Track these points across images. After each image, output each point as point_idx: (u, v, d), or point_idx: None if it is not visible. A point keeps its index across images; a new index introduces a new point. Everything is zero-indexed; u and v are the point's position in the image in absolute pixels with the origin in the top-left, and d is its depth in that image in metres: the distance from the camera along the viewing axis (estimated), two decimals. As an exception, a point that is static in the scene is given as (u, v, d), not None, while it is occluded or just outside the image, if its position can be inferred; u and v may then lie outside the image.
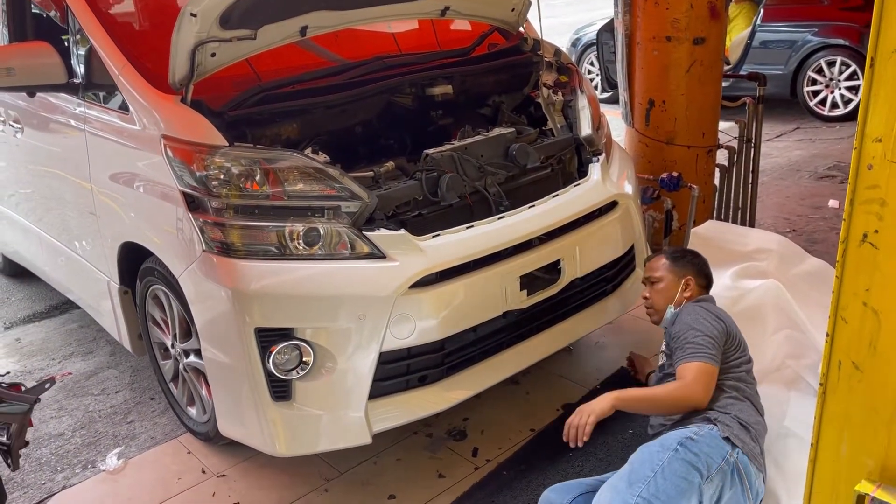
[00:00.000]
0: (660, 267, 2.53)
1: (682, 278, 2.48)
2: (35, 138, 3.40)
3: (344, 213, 2.34)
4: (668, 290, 2.49)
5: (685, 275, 2.49)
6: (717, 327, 2.26)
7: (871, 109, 1.22)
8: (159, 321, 2.87)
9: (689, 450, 2.00)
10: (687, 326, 2.26)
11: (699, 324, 2.25)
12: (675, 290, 2.48)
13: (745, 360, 2.32)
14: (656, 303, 2.51)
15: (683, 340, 2.23)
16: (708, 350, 2.18)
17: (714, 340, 2.21)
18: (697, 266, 2.54)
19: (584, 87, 3.12)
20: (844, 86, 7.00)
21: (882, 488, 1.35)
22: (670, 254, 2.57)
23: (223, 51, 2.42)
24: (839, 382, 1.39)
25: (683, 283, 2.48)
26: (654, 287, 2.52)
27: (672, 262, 2.52)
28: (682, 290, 2.47)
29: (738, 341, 2.33)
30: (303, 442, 2.41)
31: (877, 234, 1.26)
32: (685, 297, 2.47)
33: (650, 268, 2.57)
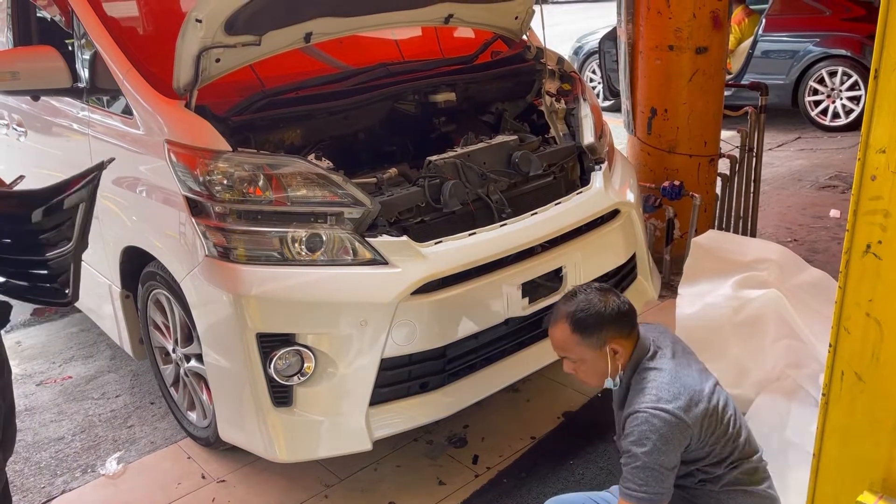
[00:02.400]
0: (568, 344, 1.91)
1: (603, 348, 1.89)
2: (39, 142, 3.41)
3: (346, 219, 2.35)
4: (595, 368, 1.92)
5: (605, 342, 1.89)
6: (673, 433, 1.77)
7: (875, 120, 1.22)
8: (160, 325, 2.87)
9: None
10: (636, 439, 1.78)
11: (649, 442, 1.77)
12: (603, 364, 1.90)
13: (749, 448, 1.91)
14: (588, 380, 1.97)
15: (628, 455, 1.80)
16: (644, 487, 1.76)
17: (660, 463, 1.77)
18: (611, 318, 1.89)
19: (586, 96, 3.13)
20: (846, 96, 7.02)
21: (884, 499, 1.34)
22: (572, 321, 1.89)
23: (228, 56, 2.43)
24: (842, 393, 1.39)
25: (609, 352, 1.89)
26: (575, 365, 1.95)
27: (581, 334, 1.88)
28: (612, 360, 1.91)
29: (723, 418, 1.86)
30: (303, 448, 2.41)
31: (880, 244, 1.26)
32: (619, 363, 1.92)
33: (555, 344, 1.95)
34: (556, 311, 1.95)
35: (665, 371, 1.86)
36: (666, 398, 1.79)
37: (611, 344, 1.89)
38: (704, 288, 2.95)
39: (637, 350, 1.92)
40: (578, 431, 2.84)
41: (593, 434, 2.79)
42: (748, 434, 1.92)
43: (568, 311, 1.91)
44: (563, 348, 1.93)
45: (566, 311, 1.91)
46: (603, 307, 1.90)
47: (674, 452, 1.78)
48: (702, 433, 1.81)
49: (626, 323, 1.92)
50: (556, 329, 1.93)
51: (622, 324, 1.91)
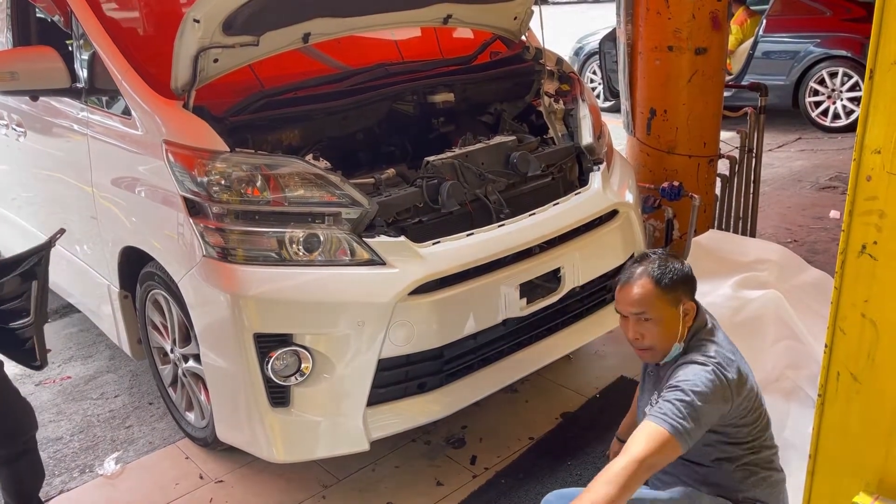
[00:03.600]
0: (650, 299, 1.91)
1: (679, 306, 1.92)
2: (38, 142, 3.41)
3: (344, 219, 2.35)
4: (669, 327, 1.92)
5: (681, 300, 1.93)
6: (722, 394, 1.81)
7: (871, 121, 1.22)
8: (159, 326, 2.87)
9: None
10: (689, 379, 1.81)
11: (701, 384, 1.79)
12: (676, 324, 1.92)
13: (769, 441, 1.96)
14: (657, 343, 1.94)
15: (675, 389, 1.80)
16: (680, 419, 1.75)
17: (701, 410, 1.77)
18: (685, 279, 1.96)
19: (585, 96, 3.12)
20: (846, 97, 7.01)
21: (880, 500, 1.34)
22: (655, 276, 1.91)
23: (226, 57, 2.43)
24: (837, 394, 1.39)
25: (682, 312, 1.92)
26: (648, 325, 1.93)
27: (662, 288, 1.90)
28: (684, 321, 1.93)
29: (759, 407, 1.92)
30: (301, 448, 2.41)
31: (875, 245, 1.26)
32: (687, 327, 1.95)
33: (634, 300, 1.93)
34: (630, 271, 1.95)
35: (723, 345, 1.93)
36: (724, 365, 1.84)
37: (684, 304, 1.93)
38: (704, 288, 2.94)
39: (698, 319, 1.97)
40: (577, 432, 2.84)
41: (591, 435, 2.79)
42: (771, 428, 1.97)
43: (650, 269, 1.93)
44: (643, 304, 1.91)
45: (647, 269, 1.93)
46: (681, 266, 1.96)
47: (713, 413, 1.80)
48: (738, 412, 1.85)
49: (695, 287, 2.00)
50: (637, 285, 1.92)
51: (693, 286, 1.99)
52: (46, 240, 2.09)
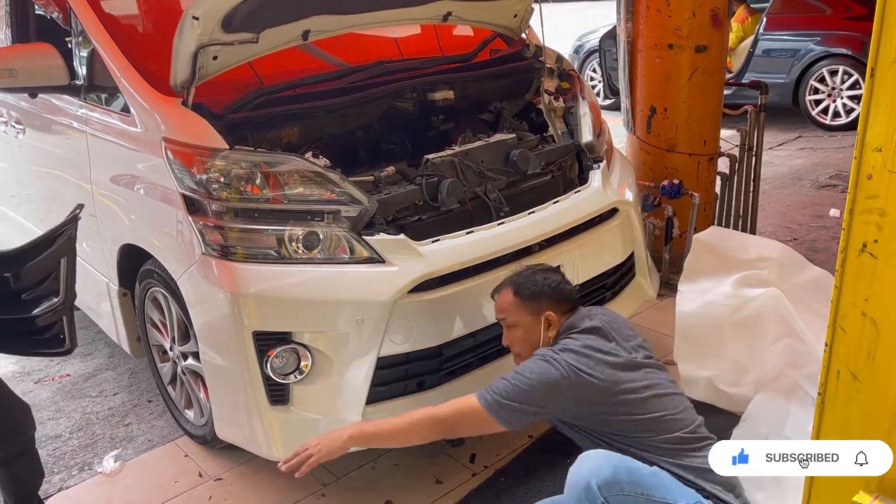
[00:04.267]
0: (509, 307, 2.10)
1: (539, 315, 2.07)
2: (37, 139, 3.41)
3: (344, 217, 2.34)
4: (529, 334, 2.08)
5: (542, 310, 2.06)
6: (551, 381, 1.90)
7: (872, 119, 1.22)
8: (158, 323, 2.87)
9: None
10: (524, 367, 1.96)
11: (528, 371, 1.93)
12: (537, 332, 2.07)
13: (657, 428, 1.95)
14: (522, 349, 2.12)
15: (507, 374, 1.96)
16: (495, 394, 1.91)
17: (522, 395, 1.89)
18: (552, 289, 2.10)
19: (585, 94, 3.12)
20: (846, 95, 7.01)
21: (880, 499, 1.34)
22: (516, 285, 2.11)
23: (225, 54, 2.42)
24: (837, 392, 1.38)
25: (544, 321, 2.06)
26: (511, 332, 2.13)
27: (521, 298, 2.08)
28: (546, 331, 2.07)
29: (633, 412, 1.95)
30: (300, 446, 2.41)
31: (876, 243, 1.26)
32: (550, 336, 2.07)
33: (498, 307, 2.15)
34: (502, 281, 2.18)
35: (579, 339, 2.00)
36: (560, 354, 1.94)
37: (546, 313, 2.07)
38: (705, 285, 2.94)
39: (566, 325, 2.08)
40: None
41: (591, 433, 2.78)
42: (675, 413, 1.98)
43: (513, 279, 2.15)
44: (502, 309, 2.13)
45: (511, 279, 2.16)
46: (543, 280, 2.12)
47: (542, 397, 1.91)
48: (606, 403, 1.93)
49: (564, 300, 2.13)
50: (501, 294, 2.15)
51: (560, 299, 2.11)
52: (70, 216, 2.05)
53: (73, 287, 2.04)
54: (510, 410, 1.91)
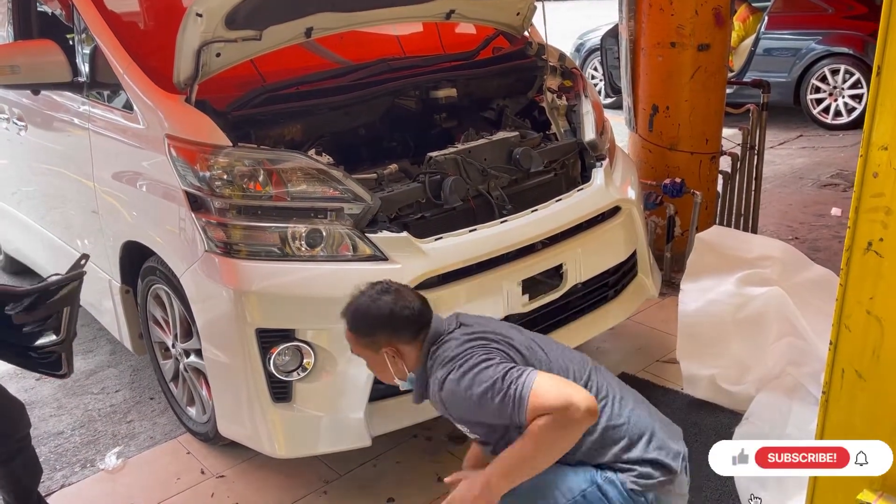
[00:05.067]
0: (350, 342, 1.90)
1: (380, 351, 1.84)
2: (39, 136, 3.41)
3: (346, 214, 2.34)
4: (380, 368, 1.89)
5: (381, 345, 1.83)
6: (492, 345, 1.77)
7: (878, 118, 1.22)
8: (160, 320, 2.87)
9: None
10: (457, 381, 1.72)
11: (469, 361, 1.72)
12: (384, 365, 1.86)
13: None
14: (382, 376, 1.94)
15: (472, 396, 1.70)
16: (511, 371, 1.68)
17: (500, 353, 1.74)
18: (388, 319, 1.81)
19: (588, 92, 3.12)
20: (848, 94, 7.00)
21: (883, 497, 1.35)
22: (349, 321, 1.86)
23: (228, 51, 2.42)
24: (842, 391, 1.39)
25: (388, 356, 1.84)
26: (368, 364, 1.94)
27: (356, 335, 1.86)
28: (395, 363, 1.85)
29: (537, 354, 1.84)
30: (302, 443, 2.41)
31: (881, 242, 1.26)
32: (404, 366, 1.86)
33: (348, 339, 1.92)
34: (343, 309, 1.90)
35: (455, 334, 1.83)
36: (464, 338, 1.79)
37: (386, 348, 1.83)
38: (707, 284, 2.94)
39: (426, 345, 1.84)
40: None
41: (593, 431, 2.78)
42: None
43: (346, 311, 1.87)
44: (349, 342, 1.91)
45: (345, 311, 1.88)
46: (376, 309, 1.82)
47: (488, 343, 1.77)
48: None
49: (405, 327, 1.82)
50: (347, 331, 1.90)
51: (399, 328, 1.82)
52: (76, 271, 2.11)
53: (74, 328, 2.10)
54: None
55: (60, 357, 2.07)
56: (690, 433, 2.73)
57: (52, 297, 2.04)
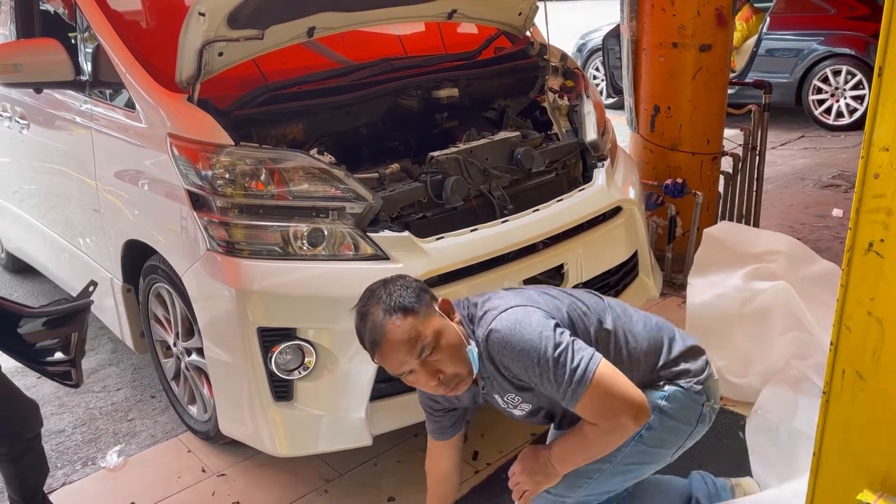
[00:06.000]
0: (415, 332, 1.66)
1: (438, 314, 1.72)
2: (41, 135, 3.41)
3: (348, 214, 2.34)
4: (453, 341, 1.70)
5: (432, 305, 1.73)
6: (549, 313, 1.72)
7: (879, 119, 1.22)
8: (162, 319, 2.87)
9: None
10: (520, 347, 1.65)
11: (531, 330, 1.66)
12: (453, 330, 1.71)
13: (592, 319, 1.85)
14: (456, 365, 1.70)
15: (539, 368, 1.65)
16: (581, 352, 1.66)
17: (564, 332, 1.68)
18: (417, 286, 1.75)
19: (589, 92, 3.12)
20: (850, 95, 7.01)
21: (884, 497, 1.34)
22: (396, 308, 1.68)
23: (230, 50, 2.43)
24: (842, 391, 1.39)
25: (440, 312, 1.73)
26: (437, 359, 1.68)
27: (414, 312, 1.68)
28: (454, 321, 1.75)
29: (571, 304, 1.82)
30: (303, 442, 2.41)
31: (882, 243, 1.26)
32: (460, 321, 1.77)
33: (404, 345, 1.66)
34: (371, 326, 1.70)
35: (493, 294, 1.84)
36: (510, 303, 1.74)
37: (439, 304, 1.75)
38: (714, 279, 2.97)
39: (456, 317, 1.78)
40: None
41: (593, 431, 2.79)
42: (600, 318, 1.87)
43: (384, 308, 1.69)
44: (414, 343, 1.65)
45: (382, 309, 1.69)
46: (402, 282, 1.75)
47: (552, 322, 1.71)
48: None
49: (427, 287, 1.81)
50: (392, 332, 1.66)
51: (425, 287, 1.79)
52: (85, 299, 2.18)
53: (82, 348, 2.16)
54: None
55: (71, 371, 2.13)
56: (691, 433, 2.74)
57: (61, 325, 2.12)
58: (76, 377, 2.14)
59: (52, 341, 2.12)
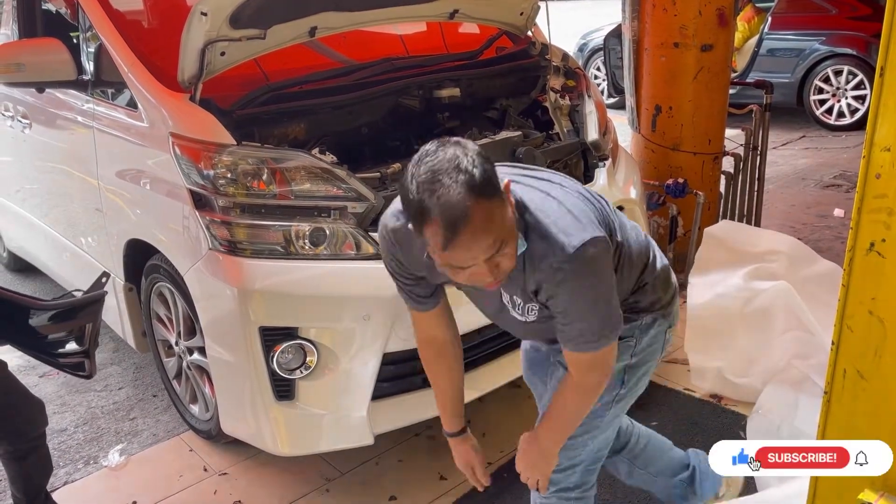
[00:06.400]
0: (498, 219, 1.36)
1: (507, 201, 1.40)
2: (43, 134, 3.42)
3: (350, 213, 2.35)
4: (513, 233, 1.42)
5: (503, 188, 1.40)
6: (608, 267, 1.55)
7: (881, 119, 1.22)
8: (163, 318, 2.88)
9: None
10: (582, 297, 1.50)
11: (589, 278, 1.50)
12: (514, 223, 1.43)
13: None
14: (511, 266, 1.45)
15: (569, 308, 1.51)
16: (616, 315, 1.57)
17: (611, 300, 1.56)
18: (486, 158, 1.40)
19: (591, 92, 3.12)
20: (851, 95, 7.00)
21: (885, 497, 1.35)
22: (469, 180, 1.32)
23: (232, 50, 2.43)
24: (844, 391, 1.39)
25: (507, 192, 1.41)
26: (506, 249, 1.39)
27: (495, 193, 1.35)
28: (512, 206, 1.43)
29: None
30: (305, 441, 2.42)
31: (884, 243, 1.26)
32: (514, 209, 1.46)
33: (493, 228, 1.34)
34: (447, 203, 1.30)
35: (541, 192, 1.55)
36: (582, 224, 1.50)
37: (504, 186, 1.42)
38: (715, 278, 2.97)
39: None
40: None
41: (595, 430, 2.79)
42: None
43: (465, 181, 1.32)
44: (498, 234, 1.37)
45: (463, 182, 1.31)
46: (473, 150, 1.39)
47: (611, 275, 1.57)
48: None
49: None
50: (479, 216, 1.31)
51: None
52: (99, 290, 2.21)
53: (96, 339, 2.18)
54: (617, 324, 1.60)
55: (84, 363, 2.14)
56: (692, 432, 2.74)
57: (74, 316, 2.13)
58: (89, 368, 2.16)
59: (66, 333, 2.13)
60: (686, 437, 2.71)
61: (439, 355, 1.88)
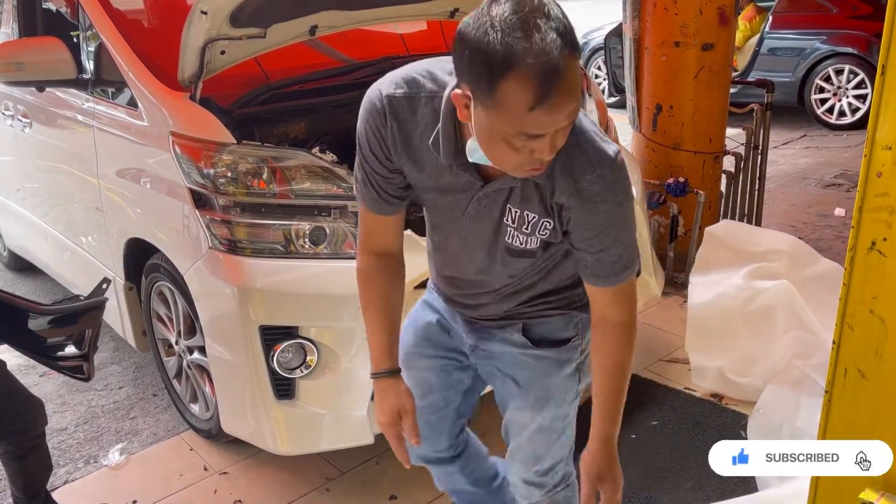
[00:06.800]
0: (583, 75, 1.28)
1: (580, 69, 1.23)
2: (43, 133, 3.41)
3: (350, 212, 2.34)
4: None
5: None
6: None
7: (882, 117, 1.22)
8: (164, 318, 2.88)
9: None
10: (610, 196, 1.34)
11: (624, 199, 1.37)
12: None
13: None
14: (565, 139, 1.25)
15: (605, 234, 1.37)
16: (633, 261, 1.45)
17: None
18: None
19: (591, 91, 3.12)
20: (852, 94, 7.00)
21: (886, 497, 1.34)
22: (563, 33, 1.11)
23: (233, 49, 2.43)
24: (845, 390, 1.38)
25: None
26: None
27: (580, 53, 1.16)
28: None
29: None
30: (305, 441, 2.42)
31: (885, 241, 1.26)
32: None
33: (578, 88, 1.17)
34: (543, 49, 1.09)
35: None
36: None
37: None
38: (716, 277, 2.97)
39: None
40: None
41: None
42: None
43: (558, 29, 1.11)
44: (581, 95, 1.31)
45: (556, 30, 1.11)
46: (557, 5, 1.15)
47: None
48: None
49: None
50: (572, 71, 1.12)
51: None
52: (99, 297, 2.22)
53: (96, 344, 2.19)
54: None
55: (82, 366, 2.15)
56: (693, 432, 2.74)
57: (74, 322, 2.14)
58: (88, 371, 2.17)
59: (65, 338, 2.14)
60: (687, 437, 2.71)
61: (385, 272, 1.66)
